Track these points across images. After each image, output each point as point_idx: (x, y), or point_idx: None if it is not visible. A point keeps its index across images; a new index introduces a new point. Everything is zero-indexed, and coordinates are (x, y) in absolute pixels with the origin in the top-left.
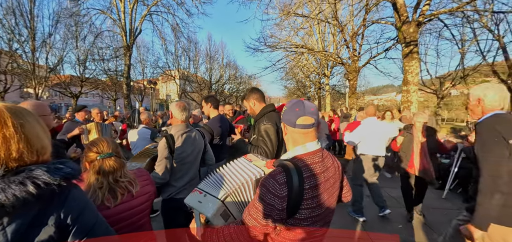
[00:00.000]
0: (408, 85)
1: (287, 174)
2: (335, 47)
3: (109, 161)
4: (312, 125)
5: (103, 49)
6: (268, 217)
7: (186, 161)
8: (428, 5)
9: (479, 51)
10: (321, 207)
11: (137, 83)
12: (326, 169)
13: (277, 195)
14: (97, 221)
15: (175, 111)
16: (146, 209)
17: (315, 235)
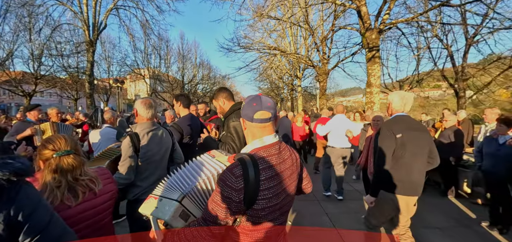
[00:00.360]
0: (371, 87)
1: (243, 167)
2: (306, 50)
3: (68, 159)
4: (269, 119)
5: (62, 44)
6: (227, 210)
7: (153, 160)
8: (388, 15)
9: (431, 58)
10: (278, 197)
11: (102, 82)
12: (283, 161)
13: (233, 187)
14: (52, 220)
15: (140, 109)
16: (109, 208)
17: (274, 224)
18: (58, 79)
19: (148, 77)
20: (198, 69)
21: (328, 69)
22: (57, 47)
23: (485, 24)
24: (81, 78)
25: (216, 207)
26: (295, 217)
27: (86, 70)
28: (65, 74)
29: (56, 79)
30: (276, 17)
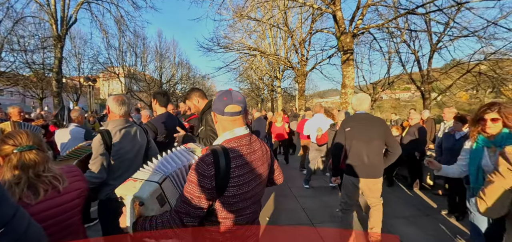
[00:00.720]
0: (346, 88)
1: (214, 156)
2: (285, 51)
3: (30, 155)
4: (239, 113)
5: (25, 38)
6: (199, 198)
7: (125, 158)
8: (361, 20)
9: (401, 62)
10: (248, 185)
11: (71, 81)
12: (253, 151)
13: (205, 174)
14: (17, 213)
15: (113, 106)
16: (76, 206)
17: (246, 212)
18: (20, 76)
19: (123, 76)
20: (177, 69)
21: (307, 70)
22: (20, 41)
23: (446, 32)
24: (47, 76)
25: (190, 195)
26: (273, 213)
27: (53, 67)
28: (28, 72)
29: (18, 77)
30: (256, 18)
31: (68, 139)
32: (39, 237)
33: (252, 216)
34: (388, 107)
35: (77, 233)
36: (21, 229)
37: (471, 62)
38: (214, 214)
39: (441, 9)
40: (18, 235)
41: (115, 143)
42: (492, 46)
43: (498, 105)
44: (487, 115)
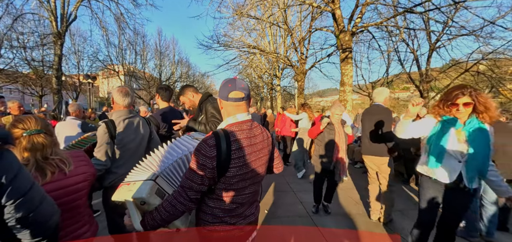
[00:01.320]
0: (344, 86)
1: (216, 138)
2: (285, 50)
3: (38, 138)
4: (242, 99)
5: (25, 35)
6: (202, 177)
7: (129, 147)
8: (360, 18)
9: (399, 61)
10: (247, 166)
11: (70, 78)
12: (254, 136)
13: (207, 155)
14: (33, 186)
15: (117, 97)
16: (82, 189)
17: (245, 192)
18: (20, 74)
19: (123, 74)
20: (177, 67)
21: (306, 69)
22: (19, 38)
23: (445, 31)
24: (47, 74)
25: (193, 174)
26: (271, 206)
27: (53, 64)
28: (28, 69)
29: (17, 74)
30: (255, 16)
31: (64, 131)
32: (53, 210)
33: (251, 196)
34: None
35: (83, 215)
36: (37, 201)
37: (469, 61)
38: (215, 192)
39: (439, 8)
40: (34, 206)
41: (119, 132)
42: (490, 46)
43: (470, 89)
44: (460, 100)
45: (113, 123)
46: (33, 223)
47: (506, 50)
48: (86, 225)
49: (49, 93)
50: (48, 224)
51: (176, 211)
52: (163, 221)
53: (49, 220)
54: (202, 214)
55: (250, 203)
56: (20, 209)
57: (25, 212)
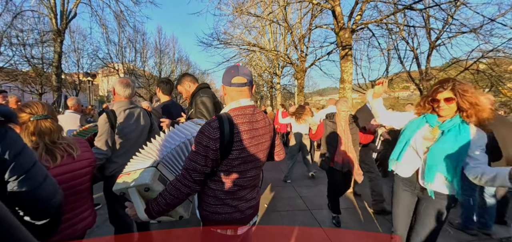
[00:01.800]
0: (344, 83)
1: (219, 121)
2: (285, 48)
3: (45, 122)
4: (245, 84)
5: (24, 33)
6: (205, 158)
7: (129, 137)
8: (360, 16)
9: (399, 59)
10: (249, 149)
11: (70, 76)
12: (256, 121)
13: (211, 137)
14: (37, 164)
15: (118, 88)
16: (87, 174)
17: (246, 175)
18: (19, 72)
19: (123, 72)
20: (177, 65)
21: (306, 67)
22: (19, 36)
23: (445, 29)
24: (47, 72)
25: (197, 156)
26: (271, 200)
27: (53, 62)
28: (27, 67)
29: (17, 72)
30: (255, 14)
31: (66, 125)
32: (55, 189)
33: (252, 180)
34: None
35: (87, 199)
36: (40, 178)
37: (469, 60)
38: (217, 174)
39: (439, 5)
40: (37, 183)
41: (120, 122)
42: (490, 44)
43: (452, 81)
44: (440, 95)
45: (114, 113)
46: (36, 200)
47: (506, 48)
48: (89, 209)
49: (49, 91)
50: (50, 203)
51: (180, 193)
52: (168, 205)
53: (52, 199)
54: (204, 196)
55: (252, 187)
56: (23, 185)
57: (28, 189)
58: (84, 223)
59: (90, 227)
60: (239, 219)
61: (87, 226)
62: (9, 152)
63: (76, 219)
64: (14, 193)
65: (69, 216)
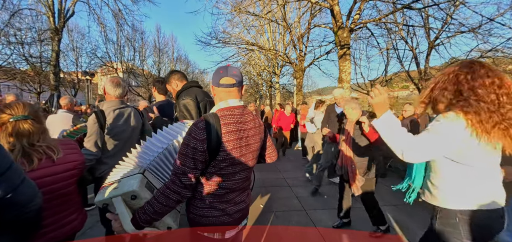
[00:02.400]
0: (342, 83)
1: (206, 121)
2: (284, 47)
3: (24, 124)
4: (233, 85)
5: (22, 31)
6: (194, 160)
7: (120, 137)
8: (359, 15)
9: (398, 58)
10: (238, 151)
11: (69, 75)
12: (245, 122)
13: (197, 138)
14: (24, 181)
15: (108, 87)
16: (71, 177)
17: (235, 178)
18: (17, 70)
19: (121, 71)
20: (175, 64)
21: (305, 66)
22: (17, 34)
23: (444, 28)
24: (45, 70)
25: (184, 158)
26: (267, 201)
27: (51, 60)
28: (25, 65)
29: (15, 71)
30: (254, 13)
31: (55, 125)
32: (34, 192)
33: (241, 182)
34: None
35: (72, 203)
36: (16, 180)
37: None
38: (205, 177)
39: (437, 4)
40: (14, 185)
41: (109, 122)
42: (489, 44)
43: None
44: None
45: (103, 113)
46: (13, 204)
47: (505, 48)
48: (75, 213)
49: (47, 90)
50: (29, 207)
51: (169, 200)
52: (156, 213)
53: (31, 202)
54: (192, 199)
55: (241, 190)
56: (0, 186)
57: (4, 192)
58: (70, 226)
59: (78, 230)
60: (227, 222)
61: (75, 229)
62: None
63: (62, 222)
64: None
65: (52, 220)
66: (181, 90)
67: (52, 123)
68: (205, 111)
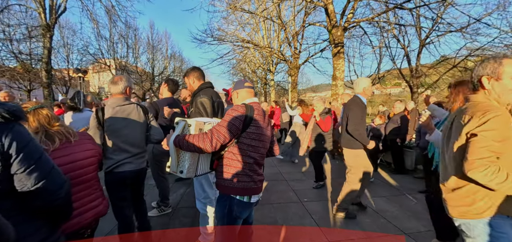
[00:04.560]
0: (336, 80)
1: (246, 106)
2: (279, 44)
3: (42, 111)
4: (252, 87)
5: (11, 27)
6: (229, 131)
7: (121, 133)
8: (352, 14)
9: (391, 56)
10: (262, 129)
11: (60, 72)
12: (262, 114)
13: (237, 117)
14: (43, 155)
15: (110, 87)
16: (91, 165)
17: (259, 151)
18: (6, 68)
19: (115, 68)
20: (170, 61)
21: (299, 64)
22: (5, 31)
23: (434, 28)
24: (35, 68)
25: (224, 123)
26: (265, 193)
27: (43, 58)
28: (15, 63)
29: (4, 68)
30: (249, 10)
31: (83, 123)
32: (63, 180)
33: (261, 158)
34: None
35: (94, 189)
36: (47, 168)
37: (457, 57)
38: (239, 148)
39: (427, 5)
40: (45, 173)
41: (107, 119)
42: (476, 43)
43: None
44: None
45: (103, 110)
46: (44, 191)
47: (492, 47)
48: (98, 198)
49: (38, 87)
50: (59, 192)
51: (196, 142)
52: (184, 144)
53: (61, 188)
54: (226, 168)
55: (260, 165)
56: (31, 176)
57: (37, 180)
58: (93, 211)
59: (102, 215)
60: (253, 188)
61: (99, 214)
62: (16, 143)
63: (84, 208)
64: (22, 184)
65: (78, 204)
66: (199, 89)
67: (77, 121)
68: (217, 109)
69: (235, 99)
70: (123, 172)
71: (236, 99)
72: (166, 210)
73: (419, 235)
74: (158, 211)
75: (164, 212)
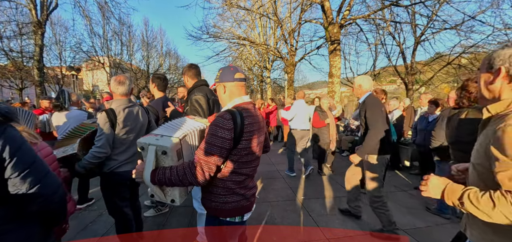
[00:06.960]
0: (333, 78)
1: (232, 114)
2: (275, 41)
3: None
4: (244, 79)
5: (1, 24)
6: (221, 149)
7: (129, 135)
8: (348, 11)
9: (386, 53)
10: (254, 140)
11: (52, 70)
12: (257, 115)
13: (225, 127)
14: (37, 160)
15: (113, 86)
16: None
17: (251, 165)
18: None
19: (108, 65)
20: (165, 59)
21: (296, 61)
22: None
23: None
24: (26, 65)
25: (212, 148)
26: (262, 192)
27: (34, 55)
28: (5, 61)
29: None
30: (245, 7)
31: (69, 122)
32: (57, 184)
33: (254, 170)
34: None
35: None
36: (42, 173)
37: (451, 55)
38: (227, 165)
39: (423, 2)
40: (40, 177)
41: (120, 121)
42: (470, 40)
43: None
44: None
45: (114, 112)
46: (39, 196)
47: (486, 44)
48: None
49: (30, 86)
50: (54, 197)
51: (185, 179)
52: (169, 181)
53: (55, 193)
54: (213, 188)
55: (252, 177)
56: (25, 180)
57: (31, 185)
58: None
59: (71, 214)
60: (246, 206)
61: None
62: (9, 147)
63: None
64: (17, 189)
65: None
66: (193, 87)
67: (69, 119)
68: (213, 107)
69: (222, 94)
70: (124, 172)
71: (223, 95)
72: (163, 209)
73: (415, 231)
74: (155, 211)
75: (161, 211)
